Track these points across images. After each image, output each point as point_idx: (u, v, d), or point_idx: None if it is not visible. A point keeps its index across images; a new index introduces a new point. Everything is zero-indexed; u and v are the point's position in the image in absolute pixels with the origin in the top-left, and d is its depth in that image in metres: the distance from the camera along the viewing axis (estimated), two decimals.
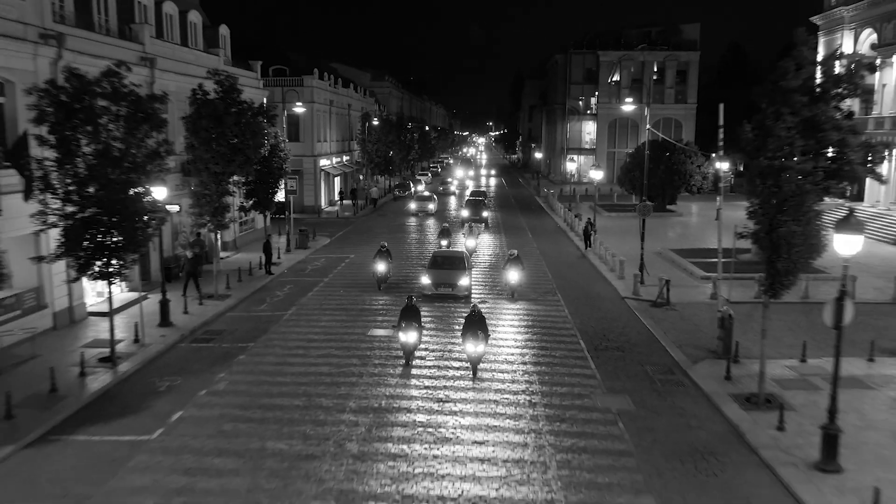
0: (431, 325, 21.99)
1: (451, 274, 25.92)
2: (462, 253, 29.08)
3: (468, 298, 25.25)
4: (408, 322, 18.44)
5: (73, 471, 12.76)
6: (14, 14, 19.48)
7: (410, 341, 18.56)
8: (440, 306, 24.51)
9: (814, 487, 12.23)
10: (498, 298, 26.00)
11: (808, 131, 14.46)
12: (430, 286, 25.62)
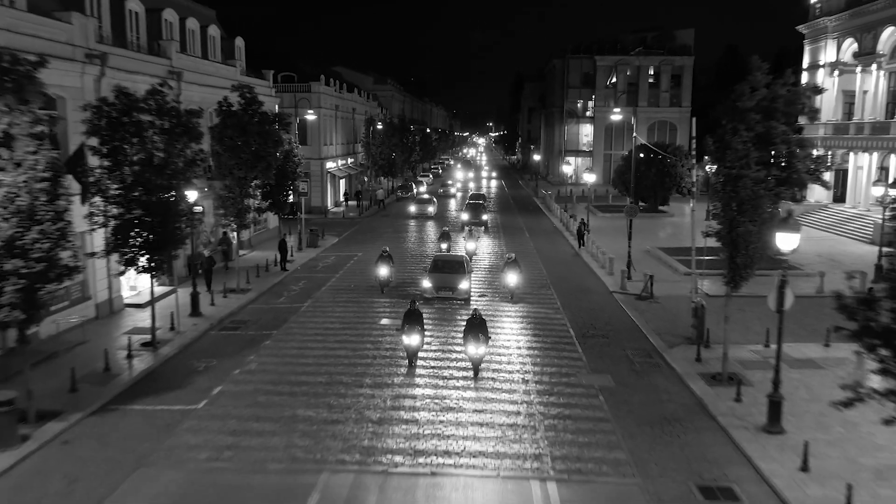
0: (433, 325, 24.35)
1: (451, 277, 26.71)
2: (462, 257, 29.88)
3: (468, 301, 26.33)
4: (411, 325, 19.15)
5: (136, 432, 15.13)
6: (63, 37, 21.86)
7: (413, 344, 19.25)
8: (441, 308, 26.75)
9: (759, 445, 14.59)
10: (497, 300, 27.34)
11: (761, 144, 16.82)
12: (431, 289, 26.46)
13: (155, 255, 19.88)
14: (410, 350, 19.36)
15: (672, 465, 13.92)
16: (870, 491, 12.60)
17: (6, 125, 13.44)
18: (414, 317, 19.32)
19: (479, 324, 18.69)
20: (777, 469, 13.55)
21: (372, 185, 65.68)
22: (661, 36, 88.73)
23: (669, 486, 13.13)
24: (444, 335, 22.37)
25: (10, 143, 13.50)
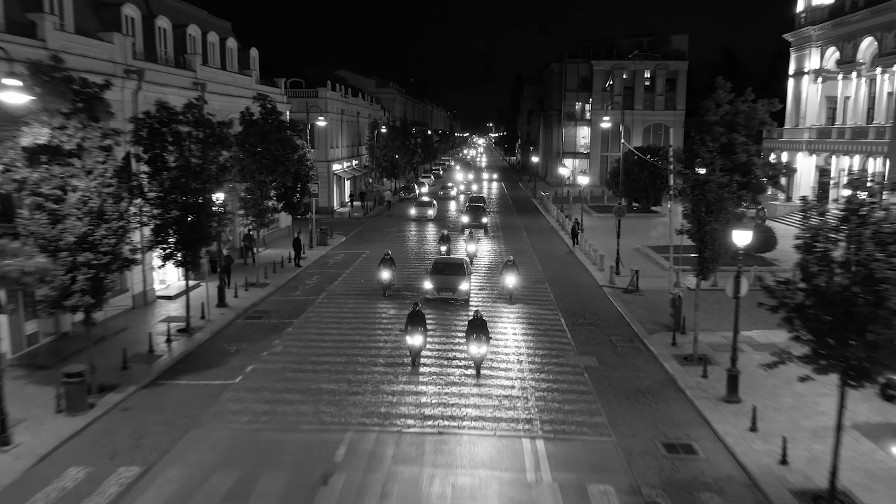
0: (436, 324, 26.83)
1: (451, 279, 27.65)
2: (462, 259, 30.89)
3: (468, 302, 27.48)
4: (413, 326, 20.06)
5: (184, 401, 17.63)
6: (106, 55, 24.36)
7: (416, 344, 20.13)
8: (442, 309, 29.16)
9: (718, 412, 17.08)
10: (496, 298, 28.90)
11: (725, 154, 19.33)
12: (432, 291, 27.45)
13: (190, 252, 22.37)
14: (413, 350, 20.31)
15: (642, 427, 16.42)
16: (805, 446, 15.07)
17: (80, 139, 15.93)
18: (417, 318, 20.20)
19: (480, 324, 19.67)
20: (730, 430, 16.05)
21: (376, 186, 68.15)
22: (656, 41, 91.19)
23: (639, 443, 15.62)
24: (446, 325, 24.86)
25: (83, 154, 15.99)
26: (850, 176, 11.58)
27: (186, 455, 14.70)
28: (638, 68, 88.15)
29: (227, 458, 14.55)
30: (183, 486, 13.39)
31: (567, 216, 50.10)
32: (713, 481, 13.92)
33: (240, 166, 29.08)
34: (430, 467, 14.29)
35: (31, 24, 21.04)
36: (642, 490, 13.50)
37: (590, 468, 14.35)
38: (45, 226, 15.62)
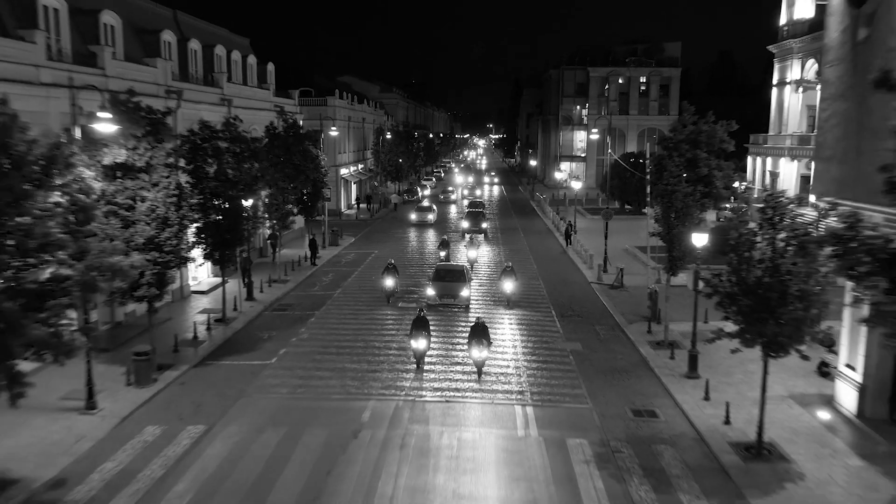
0: (437, 328, 30.09)
1: (453, 286, 28.86)
2: (463, 266, 32.06)
3: (468, 308, 28.79)
4: (418, 331, 21.38)
5: (230, 377, 20.92)
6: (151, 78, 27.66)
7: (421, 347, 21.42)
8: (445, 314, 32.40)
9: (679, 385, 20.37)
10: (496, 305, 29.83)
11: (689, 167, 22.59)
12: (434, 297, 28.54)
13: (226, 251, 25.67)
14: (418, 353, 21.59)
15: (615, 397, 19.71)
16: (747, 411, 18.31)
17: (148, 158, 19.22)
18: (421, 324, 21.54)
19: (481, 330, 21.07)
20: (687, 399, 19.34)
21: (382, 189, 71.42)
22: (650, 48, 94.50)
23: (611, 409, 18.90)
24: (449, 329, 28.14)
25: (150, 170, 19.28)
26: (766, 192, 14.74)
27: (240, 417, 18.00)
28: (633, 75, 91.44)
29: (273, 419, 17.84)
30: (242, 439, 16.68)
31: (562, 218, 53.36)
32: (668, 437, 17.21)
33: (267, 175, 32.36)
34: (439, 426, 17.59)
35: (93, 55, 24.32)
36: (610, 443, 16.78)
37: (569, 427, 17.64)
38: (119, 230, 18.88)
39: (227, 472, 15.14)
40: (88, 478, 14.81)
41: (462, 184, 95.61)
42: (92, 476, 14.88)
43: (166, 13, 34.08)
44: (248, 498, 14.08)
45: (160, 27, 30.77)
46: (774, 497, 14.23)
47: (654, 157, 23.21)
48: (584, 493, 14.40)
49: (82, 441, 16.44)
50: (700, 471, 15.47)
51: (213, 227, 24.81)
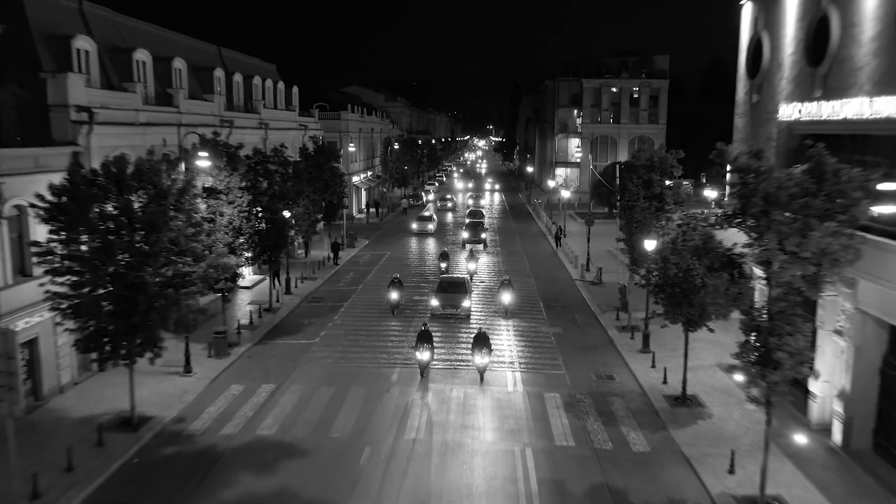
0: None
1: (454, 297, 31.44)
2: (464, 279, 34.43)
3: (469, 317, 31.39)
4: (422, 343, 23.77)
5: (286, 352, 26.85)
6: (209, 111, 33.63)
7: (424, 359, 23.88)
8: (448, 324, 38.34)
9: (634, 358, 26.30)
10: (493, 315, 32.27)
11: (646, 187, 28.48)
12: (437, 307, 31.10)
13: (272, 255, 31.57)
14: (422, 364, 24.02)
15: (584, 366, 25.64)
16: (680, 375, 24.10)
17: (226, 182, 25.14)
18: (425, 337, 23.96)
19: (483, 339, 23.88)
20: (638, 367, 25.28)
21: (389, 195, 77.32)
22: (640, 61, 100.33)
23: (580, 374, 24.82)
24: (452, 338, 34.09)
25: (228, 193, 25.20)
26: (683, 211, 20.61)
27: (299, 379, 23.94)
28: (624, 86, 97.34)
29: (325, 381, 23.78)
30: (304, 393, 22.62)
31: (554, 223, 59.28)
32: (620, 392, 23.15)
33: (306, 191, 38.32)
34: (450, 385, 23.52)
35: (169, 96, 30.28)
36: (576, 396, 22.72)
37: (546, 385, 23.58)
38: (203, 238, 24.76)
39: (299, 413, 21.10)
40: (200, 416, 20.76)
41: (462, 189, 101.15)
42: (202, 415, 20.84)
43: (213, 50, 40.06)
44: (317, 428, 20.02)
45: (212, 65, 36.72)
46: (687, 428, 20.17)
47: (620, 181, 29.00)
48: (553, 426, 20.36)
49: (187, 394, 22.40)
50: (639, 413, 21.43)
51: (264, 235, 30.69)
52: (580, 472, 17.73)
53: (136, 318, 17.80)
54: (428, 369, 24.38)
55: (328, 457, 18.36)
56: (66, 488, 16.37)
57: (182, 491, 16.59)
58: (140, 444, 18.91)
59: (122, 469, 17.63)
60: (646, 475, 17.67)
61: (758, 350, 14.36)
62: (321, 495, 16.46)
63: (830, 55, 18.40)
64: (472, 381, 23.94)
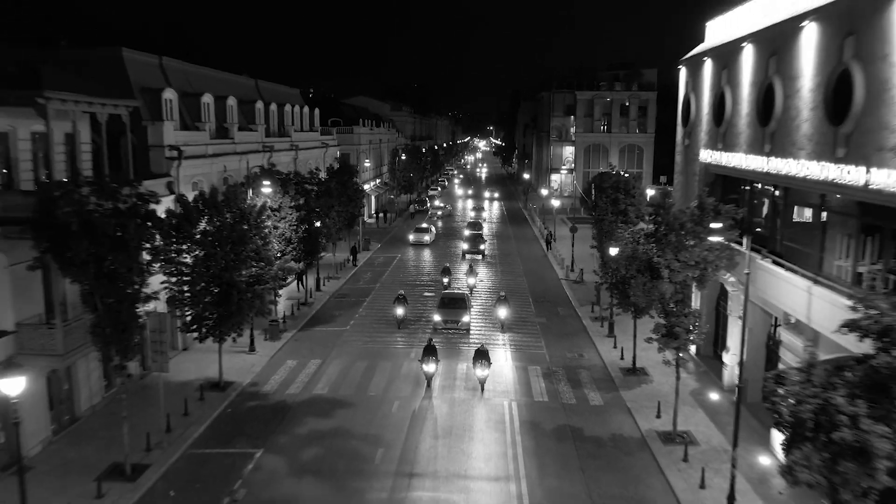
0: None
1: (455, 312, 34.86)
2: (464, 295, 37.50)
3: (469, 331, 34.62)
4: (428, 356, 26.83)
5: (324, 337, 33.74)
6: (254, 139, 40.47)
7: (430, 370, 26.88)
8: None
9: (601, 340, 33.19)
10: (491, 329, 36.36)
11: (613, 204, 35.31)
12: (439, 322, 34.57)
13: (311, 257, 38.42)
14: (428, 375, 26.99)
15: (561, 347, 32.53)
16: (639, 355, 31.05)
17: (280, 202, 31.99)
18: (431, 351, 27.05)
19: (484, 353, 27.01)
20: (603, 347, 32.19)
21: (397, 201, 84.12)
22: (630, 74, 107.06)
23: (557, 353, 31.71)
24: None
25: (280, 210, 32.06)
26: (639, 225, 27.40)
27: (338, 356, 30.83)
28: (615, 98, 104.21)
29: (358, 357, 30.67)
30: (345, 366, 29.52)
31: (545, 228, 66.16)
32: (586, 366, 30.04)
33: (336, 205, 45.18)
34: (457, 360, 30.39)
35: (225, 129, 37.17)
36: (552, 368, 29.61)
37: (529, 360, 30.47)
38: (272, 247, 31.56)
39: (342, 379, 28.00)
40: (268, 381, 27.68)
41: (462, 195, 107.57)
42: (269, 381, 27.75)
43: (251, 83, 46.95)
44: (358, 389, 26.89)
45: (253, 98, 43.61)
46: (633, 390, 27.04)
47: (593, 197, 35.88)
48: (533, 388, 27.25)
49: (255, 366, 29.30)
50: (598, 380, 28.33)
51: (303, 242, 37.55)
52: (550, 418, 24.63)
53: (231, 308, 24.67)
54: (433, 379, 27.47)
55: (368, 407, 25.26)
56: (188, 426, 23.28)
57: (267, 429, 23.47)
58: (229, 400, 25.84)
59: (220, 415, 24.54)
60: (598, 420, 24.57)
61: (665, 328, 21.25)
62: (366, 431, 23.35)
63: (726, 121, 25.26)
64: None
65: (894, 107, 15.48)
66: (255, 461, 21.18)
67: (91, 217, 17.88)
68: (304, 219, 37.32)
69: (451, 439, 22.85)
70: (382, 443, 22.52)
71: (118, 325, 18.96)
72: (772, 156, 21.20)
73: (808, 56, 19.63)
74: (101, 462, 20.55)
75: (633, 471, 20.95)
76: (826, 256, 19.61)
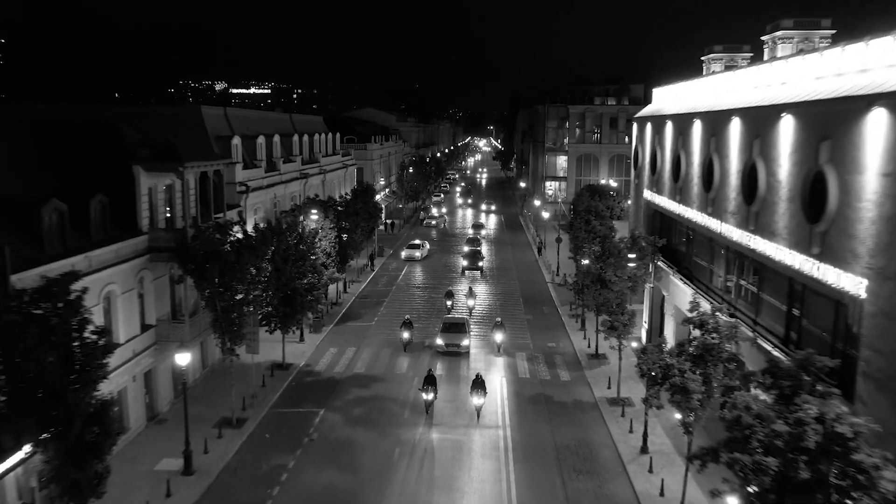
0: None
1: (456, 336, 38.35)
2: (464, 320, 41.29)
3: (468, 354, 38.16)
4: (427, 386, 29.66)
5: (356, 330, 42.60)
6: (294, 168, 49.28)
7: (429, 398, 29.71)
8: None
9: (574, 333, 42.03)
10: (488, 352, 44.25)
11: (586, 223, 44.10)
12: (441, 346, 38.01)
13: (343, 264, 47.22)
14: (427, 403, 29.87)
15: (543, 339, 41.39)
16: (599, 342, 39.81)
17: (322, 224, 40.78)
18: (430, 381, 29.99)
19: (480, 382, 30.05)
20: (576, 338, 41.07)
21: (404, 208, 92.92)
22: (619, 88, 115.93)
23: (539, 343, 40.57)
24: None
25: (322, 230, 40.86)
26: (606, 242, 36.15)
27: (369, 345, 39.69)
28: (605, 111, 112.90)
29: (385, 346, 39.51)
30: (374, 352, 38.40)
31: (537, 235, 74.97)
32: (561, 352, 38.92)
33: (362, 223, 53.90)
34: (457, 359, 39.26)
35: (273, 163, 45.92)
36: (534, 354, 38.48)
37: (517, 349, 39.34)
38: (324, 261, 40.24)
39: (374, 361, 36.89)
40: (318, 363, 36.57)
41: (461, 203, 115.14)
42: (319, 363, 36.64)
43: (285, 117, 55.77)
44: (387, 369, 35.77)
45: (290, 132, 52.44)
46: (594, 370, 35.90)
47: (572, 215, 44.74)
48: (519, 368, 36.14)
49: (306, 352, 38.16)
50: (569, 363, 37.20)
51: (338, 254, 46.35)
52: (530, 389, 33.49)
53: (295, 308, 33.50)
54: (432, 407, 30.35)
55: (397, 381, 34.13)
56: (267, 394, 32.16)
57: (324, 396, 32.32)
58: (292, 376, 34.71)
59: (288, 386, 33.40)
60: (565, 390, 33.43)
61: (609, 322, 30.08)
62: (395, 397, 32.19)
63: (657, 172, 34.09)
64: (473, 349, 39.66)
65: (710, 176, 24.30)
66: (320, 416, 30.09)
67: (218, 248, 26.73)
68: (338, 235, 46.25)
69: (456, 403, 31.71)
70: (408, 405, 31.39)
71: (231, 321, 27.82)
72: (681, 203, 30.06)
73: (696, 139, 28.53)
74: (212, 417, 29.35)
75: (585, 423, 29.86)
76: (714, 272, 28.38)
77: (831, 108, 17.19)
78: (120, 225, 27.01)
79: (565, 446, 27.71)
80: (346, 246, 46.94)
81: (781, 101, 19.87)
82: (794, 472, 11.97)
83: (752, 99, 23.01)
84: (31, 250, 21.92)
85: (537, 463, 26.31)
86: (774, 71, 23.11)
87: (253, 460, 26.20)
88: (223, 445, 27.10)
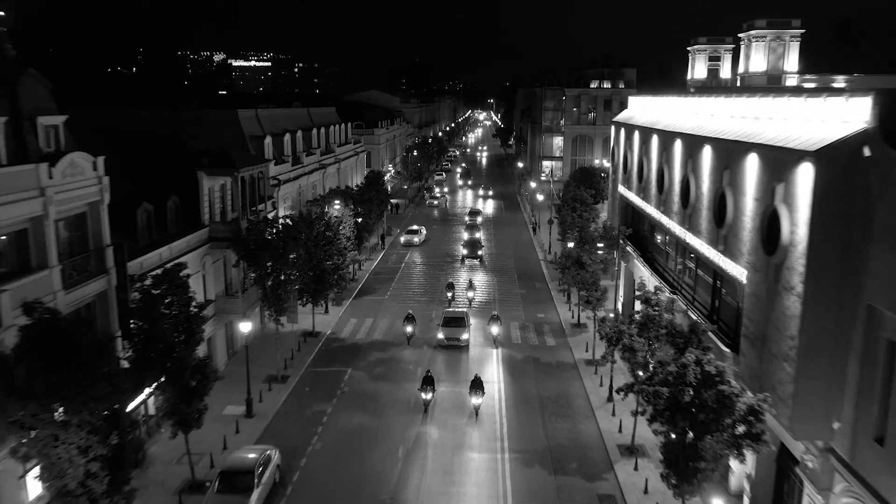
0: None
1: (456, 330, 40.66)
2: (464, 314, 43.46)
3: (468, 347, 40.57)
4: (426, 386, 31.90)
5: (371, 303, 49.18)
6: (314, 160, 55.40)
7: (428, 398, 32.01)
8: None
9: (562, 306, 48.61)
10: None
11: (573, 211, 50.39)
12: (442, 339, 40.38)
13: (360, 245, 53.60)
14: (426, 402, 32.10)
15: (534, 311, 47.98)
16: (583, 315, 46.33)
17: (343, 211, 47.09)
18: (429, 381, 32.20)
19: (478, 383, 31.92)
20: (563, 310, 47.66)
21: (409, 189, 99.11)
22: (613, 72, 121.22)
23: (530, 315, 47.17)
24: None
25: (343, 217, 47.16)
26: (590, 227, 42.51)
27: (385, 315, 46.28)
28: (599, 94, 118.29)
29: (397, 317, 46.03)
30: (390, 322, 45.01)
31: (532, 216, 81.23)
32: (548, 322, 45.53)
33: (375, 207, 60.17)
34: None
35: (298, 157, 52.07)
36: (525, 323, 45.10)
37: (511, 319, 45.93)
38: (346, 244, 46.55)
39: (390, 329, 43.51)
40: (342, 331, 43.21)
41: (461, 185, 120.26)
42: (343, 331, 43.27)
43: (304, 111, 61.73)
44: (402, 336, 42.38)
45: (309, 126, 58.48)
46: (576, 336, 42.52)
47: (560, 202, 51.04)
48: (512, 335, 42.78)
49: (330, 322, 44.75)
50: (555, 331, 43.80)
51: (356, 236, 52.69)
52: (521, 352, 40.14)
53: (325, 286, 39.95)
54: (431, 406, 32.68)
55: (411, 347, 40.77)
56: (302, 356, 38.83)
57: (350, 358, 38.97)
58: (321, 342, 41.36)
59: (319, 350, 40.04)
60: (550, 353, 40.08)
61: (585, 298, 36.57)
62: (409, 359, 38.86)
63: (628, 170, 40.30)
64: (474, 321, 46.24)
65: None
66: (348, 374, 36.78)
67: (267, 238, 33.14)
68: (355, 219, 52.64)
69: (460, 364, 38.40)
70: (421, 364, 38.06)
71: (278, 297, 34.33)
72: (644, 200, 36.40)
73: (654, 150, 34.78)
74: (260, 374, 35.86)
75: (564, 378, 36.56)
76: (669, 255, 34.80)
77: (729, 147, 23.48)
78: (187, 220, 33.39)
79: (547, 397, 34.42)
80: (361, 229, 53.29)
81: (704, 132, 26.13)
82: (682, 396, 18.39)
83: (689, 125, 29.23)
84: (131, 243, 28.35)
85: (524, 409, 33.01)
86: (707, 105, 29.25)
87: (298, 407, 32.92)
88: (273, 396, 33.80)
